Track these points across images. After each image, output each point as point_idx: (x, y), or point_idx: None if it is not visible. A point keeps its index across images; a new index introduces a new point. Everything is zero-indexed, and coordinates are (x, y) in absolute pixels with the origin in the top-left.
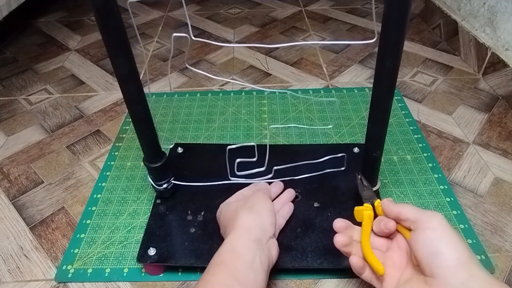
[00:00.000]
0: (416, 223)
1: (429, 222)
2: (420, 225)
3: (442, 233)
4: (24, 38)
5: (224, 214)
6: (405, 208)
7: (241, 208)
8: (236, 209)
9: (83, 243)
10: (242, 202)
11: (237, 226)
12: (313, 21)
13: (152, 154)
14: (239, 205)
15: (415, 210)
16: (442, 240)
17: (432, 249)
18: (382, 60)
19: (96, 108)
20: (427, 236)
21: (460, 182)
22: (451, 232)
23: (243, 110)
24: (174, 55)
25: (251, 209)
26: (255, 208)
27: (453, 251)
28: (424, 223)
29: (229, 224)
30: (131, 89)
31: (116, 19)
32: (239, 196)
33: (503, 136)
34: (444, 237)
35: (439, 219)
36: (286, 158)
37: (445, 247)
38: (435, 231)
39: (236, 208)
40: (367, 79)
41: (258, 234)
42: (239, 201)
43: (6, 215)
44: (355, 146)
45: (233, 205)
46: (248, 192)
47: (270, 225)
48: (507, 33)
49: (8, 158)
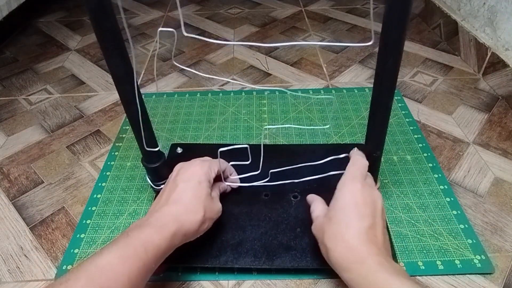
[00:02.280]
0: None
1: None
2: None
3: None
4: (24, 38)
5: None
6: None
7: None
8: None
9: (83, 243)
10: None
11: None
12: (313, 21)
13: (150, 155)
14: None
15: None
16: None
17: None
18: (383, 60)
19: (96, 108)
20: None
21: (460, 182)
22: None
23: (243, 110)
24: (174, 55)
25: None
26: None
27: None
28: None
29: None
30: (127, 90)
31: (111, 20)
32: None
33: (503, 136)
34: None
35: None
36: (284, 159)
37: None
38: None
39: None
40: (367, 79)
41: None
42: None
43: (6, 215)
44: (355, 146)
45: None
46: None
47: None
48: (507, 33)
49: (8, 158)
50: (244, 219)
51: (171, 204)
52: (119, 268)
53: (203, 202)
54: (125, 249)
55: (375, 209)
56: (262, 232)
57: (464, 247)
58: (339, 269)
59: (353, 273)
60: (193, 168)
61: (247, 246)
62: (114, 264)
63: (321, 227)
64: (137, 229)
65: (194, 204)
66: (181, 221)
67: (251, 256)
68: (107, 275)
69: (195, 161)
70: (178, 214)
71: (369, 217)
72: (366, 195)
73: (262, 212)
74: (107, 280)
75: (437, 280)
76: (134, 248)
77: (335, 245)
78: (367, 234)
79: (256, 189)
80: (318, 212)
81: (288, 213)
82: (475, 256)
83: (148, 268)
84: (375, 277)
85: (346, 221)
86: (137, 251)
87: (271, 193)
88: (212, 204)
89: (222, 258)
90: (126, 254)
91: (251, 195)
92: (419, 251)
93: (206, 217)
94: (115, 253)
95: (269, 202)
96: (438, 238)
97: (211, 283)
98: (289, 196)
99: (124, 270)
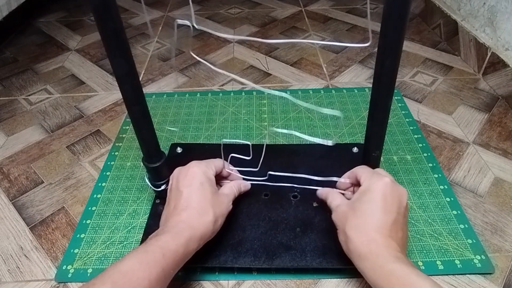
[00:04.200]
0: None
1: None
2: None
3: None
4: (24, 38)
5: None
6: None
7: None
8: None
9: (83, 243)
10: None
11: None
12: (313, 21)
13: (151, 154)
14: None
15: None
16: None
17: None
18: (382, 60)
19: (96, 108)
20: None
21: (460, 182)
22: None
23: (243, 110)
24: (174, 55)
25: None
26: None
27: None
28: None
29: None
30: (130, 89)
31: (115, 20)
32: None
33: (503, 136)
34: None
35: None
36: (285, 159)
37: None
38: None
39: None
40: (367, 79)
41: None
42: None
43: (6, 215)
44: (354, 145)
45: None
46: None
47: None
48: (507, 33)
49: (8, 158)
50: (243, 218)
51: (181, 212)
52: (140, 273)
53: (210, 201)
54: (145, 255)
55: (400, 206)
56: (261, 232)
57: (464, 247)
58: (356, 258)
59: (370, 262)
60: (191, 170)
61: (247, 245)
62: (135, 269)
63: (344, 216)
64: (155, 237)
65: (202, 207)
66: (194, 226)
67: (251, 256)
68: (130, 280)
69: (190, 164)
70: (190, 220)
71: (394, 213)
72: (394, 190)
73: (261, 211)
74: (130, 285)
75: (437, 280)
76: (153, 254)
77: (356, 235)
78: (389, 229)
79: (256, 188)
80: (339, 201)
81: (287, 212)
82: (475, 256)
83: (167, 273)
84: (392, 267)
85: (372, 213)
86: (156, 256)
87: (270, 193)
88: (219, 201)
89: (222, 258)
90: (146, 260)
91: (250, 195)
92: (419, 251)
93: (217, 215)
94: (135, 259)
95: (269, 202)
96: (438, 238)
97: (211, 283)
98: (288, 196)
99: (145, 275)
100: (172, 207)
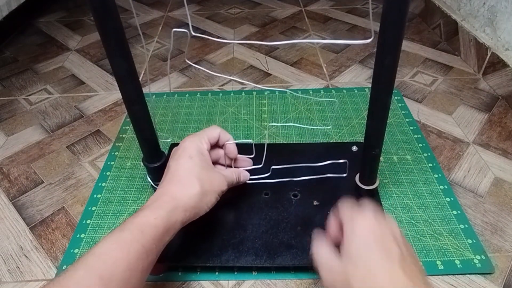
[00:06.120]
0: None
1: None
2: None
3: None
4: (24, 38)
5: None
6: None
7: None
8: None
9: (83, 243)
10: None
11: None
12: (313, 21)
13: (151, 154)
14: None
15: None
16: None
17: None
18: (381, 58)
19: (96, 108)
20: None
21: (460, 182)
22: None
23: (243, 110)
24: (174, 55)
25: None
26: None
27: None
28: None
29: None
30: (130, 89)
31: (115, 20)
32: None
33: (503, 136)
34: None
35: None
36: (285, 157)
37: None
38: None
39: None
40: (367, 79)
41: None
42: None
43: (6, 215)
44: (354, 144)
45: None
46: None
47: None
48: (507, 33)
49: (8, 158)
50: (244, 218)
51: (166, 184)
52: (117, 254)
53: (198, 175)
54: (121, 234)
55: (395, 238)
56: (263, 231)
57: (464, 247)
58: None
59: None
60: (183, 145)
61: (248, 244)
62: (111, 250)
63: (344, 272)
64: (133, 216)
65: (188, 179)
66: (177, 197)
67: (252, 255)
68: (105, 262)
69: (184, 139)
70: (173, 191)
71: (395, 250)
72: (382, 225)
73: (262, 211)
74: (106, 267)
75: (437, 280)
76: (129, 231)
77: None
78: (402, 269)
79: (257, 188)
80: (327, 256)
81: (288, 211)
82: (475, 256)
83: (148, 249)
84: None
85: (373, 263)
86: (133, 234)
87: (271, 192)
88: (210, 176)
89: (224, 257)
90: (122, 239)
91: (251, 194)
92: (419, 251)
93: (206, 189)
94: (111, 239)
95: (270, 201)
96: (438, 238)
97: (211, 283)
98: (289, 194)
99: (123, 255)
100: (160, 181)
